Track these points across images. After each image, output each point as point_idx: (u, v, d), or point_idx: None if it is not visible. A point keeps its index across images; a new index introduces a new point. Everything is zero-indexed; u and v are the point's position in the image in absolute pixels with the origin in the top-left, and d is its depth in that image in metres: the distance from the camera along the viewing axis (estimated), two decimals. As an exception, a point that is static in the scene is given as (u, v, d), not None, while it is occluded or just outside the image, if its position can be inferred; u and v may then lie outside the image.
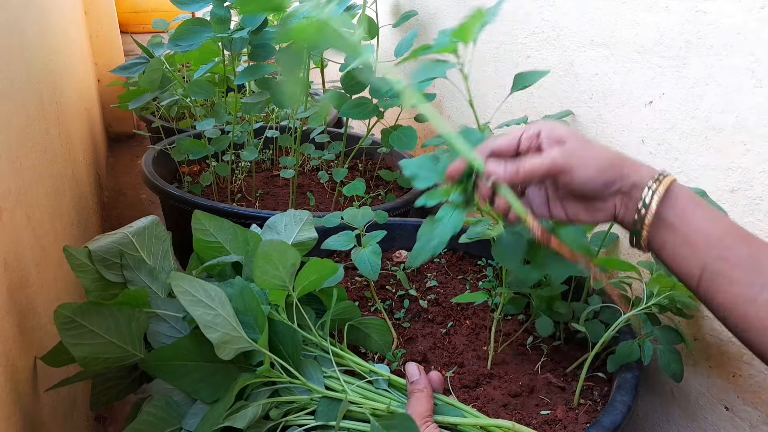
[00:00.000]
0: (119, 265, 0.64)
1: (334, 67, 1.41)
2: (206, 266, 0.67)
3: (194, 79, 1.14)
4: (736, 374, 0.70)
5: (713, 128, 0.68)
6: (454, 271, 0.98)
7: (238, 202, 1.30)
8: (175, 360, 0.59)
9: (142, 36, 1.47)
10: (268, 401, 0.58)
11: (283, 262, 0.58)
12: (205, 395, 0.58)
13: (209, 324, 0.55)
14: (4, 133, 0.68)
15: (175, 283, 0.56)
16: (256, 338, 0.58)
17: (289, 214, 0.75)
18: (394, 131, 1.03)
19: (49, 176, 0.94)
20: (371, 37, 1.28)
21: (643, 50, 0.76)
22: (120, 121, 2.69)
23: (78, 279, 0.63)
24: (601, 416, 0.61)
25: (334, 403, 0.59)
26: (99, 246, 0.64)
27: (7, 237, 0.62)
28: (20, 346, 0.63)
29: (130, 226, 0.69)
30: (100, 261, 0.63)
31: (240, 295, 0.60)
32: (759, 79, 0.62)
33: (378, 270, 0.77)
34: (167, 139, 1.41)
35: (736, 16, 0.63)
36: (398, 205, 1.16)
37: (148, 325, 0.61)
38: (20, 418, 0.58)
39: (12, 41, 0.82)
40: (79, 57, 1.93)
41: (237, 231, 0.70)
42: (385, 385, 0.62)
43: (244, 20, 1.05)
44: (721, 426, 0.73)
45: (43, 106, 1.00)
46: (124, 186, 2.23)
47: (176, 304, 0.62)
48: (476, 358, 0.78)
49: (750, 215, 0.65)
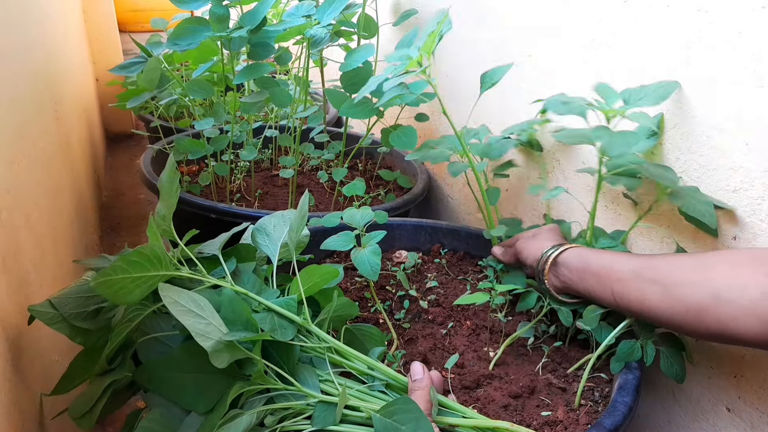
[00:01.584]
0: (87, 313, 0.62)
1: (333, 67, 1.41)
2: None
3: (193, 78, 1.13)
4: (737, 375, 0.70)
5: (715, 128, 0.67)
6: (454, 271, 0.98)
7: (236, 202, 1.29)
8: (168, 372, 0.59)
9: (140, 35, 1.46)
10: (263, 409, 0.58)
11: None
12: (200, 406, 0.58)
13: (201, 332, 0.55)
14: (3, 133, 0.68)
15: (164, 294, 0.56)
16: (249, 346, 0.58)
17: (278, 215, 0.75)
18: (394, 131, 1.03)
19: (48, 176, 0.94)
20: (371, 35, 1.28)
21: (643, 50, 0.75)
22: (118, 120, 2.68)
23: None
24: (602, 417, 0.61)
25: (330, 408, 0.58)
26: (62, 299, 0.61)
27: (5, 237, 0.62)
28: (19, 346, 0.62)
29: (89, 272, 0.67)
30: (68, 315, 0.61)
31: (229, 304, 0.59)
32: (760, 79, 0.61)
33: (378, 270, 0.76)
34: (166, 139, 1.41)
35: (736, 16, 0.63)
36: (398, 205, 1.16)
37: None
38: (19, 418, 0.58)
39: (12, 41, 0.81)
40: (77, 56, 1.92)
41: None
42: (382, 387, 0.62)
43: (243, 19, 1.04)
44: (722, 427, 0.73)
45: (41, 105, 1.00)
46: (123, 185, 2.22)
47: (162, 321, 0.62)
48: (476, 359, 0.78)
49: (752, 215, 0.65)
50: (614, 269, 0.67)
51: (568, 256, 0.73)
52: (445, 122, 1.30)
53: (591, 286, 0.70)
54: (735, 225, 0.67)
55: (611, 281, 0.67)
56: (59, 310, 0.60)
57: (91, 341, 0.62)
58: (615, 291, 0.67)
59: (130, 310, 0.60)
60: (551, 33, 0.92)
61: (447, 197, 1.36)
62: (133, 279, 0.55)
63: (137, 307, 0.60)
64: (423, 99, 0.99)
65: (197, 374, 0.59)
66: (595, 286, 0.69)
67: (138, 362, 0.62)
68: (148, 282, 0.57)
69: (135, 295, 0.57)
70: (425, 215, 1.48)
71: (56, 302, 0.60)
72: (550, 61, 0.94)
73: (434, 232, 1.04)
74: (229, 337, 0.55)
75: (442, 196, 1.39)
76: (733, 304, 0.56)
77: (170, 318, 0.61)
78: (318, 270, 0.66)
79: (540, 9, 0.94)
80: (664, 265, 0.63)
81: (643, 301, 0.64)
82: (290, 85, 1.36)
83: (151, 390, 0.59)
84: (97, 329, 0.62)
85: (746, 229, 0.66)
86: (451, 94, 1.26)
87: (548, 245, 0.77)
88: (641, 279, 0.64)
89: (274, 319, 0.61)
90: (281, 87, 1.12)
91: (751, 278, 0.55)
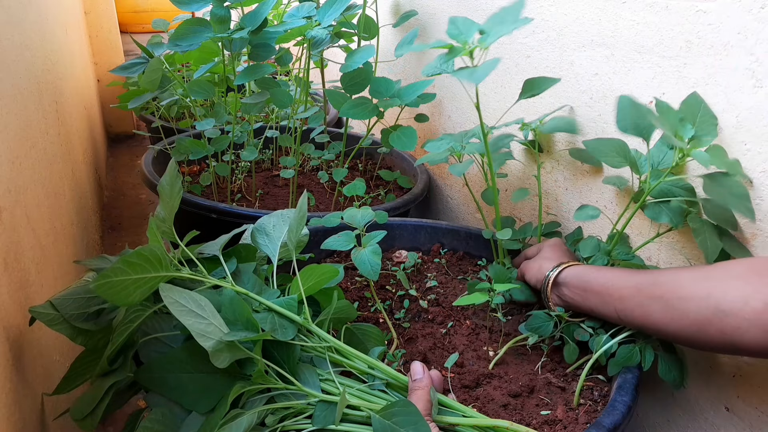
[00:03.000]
0: (88, 314, 0.62)
1: (334, 67, 1.41)
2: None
3: (194, 79, 1.14)
4: (736, 374, 0.70)
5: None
6: (454, 271, 0.98)
7: (237, 202, 1.30)
8: (169, 372, 0.59)
9: (141, 36, 1.47)
10: (264, 408, 0.58)
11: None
12: (201, 406, 0.58)
13: (202, 332, 0.55)
14: (4, 133, 0.68)
15: (165, 294, 0.56)
16: (249, 346, 0.58)
17: (277, 214, 0.75)
18: (394, 131, 1.03)
19: (49, 176, 0.94)
20: (371, 37, 1.28)
21: (643, 50, 0.76)
22: (120, 120, 2.69)
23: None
24: (601, 416, 0.61)
25: (331, 407, 0.59)
26: (63, 300, 0.61)
27: (6, 237, 0.62)
28: (20, 346, 0.63)
29: (90, 273, 0.68)
30: (69, 316, 0.61)
31: (230, 304, 0.60)
32: (759, 79, 0.62)
33: (378, 270, 0.76)
34: (167, 139, 1.41)
35: (736, 16, 0.63)
36: (398, 205, 1.16)
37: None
38: (20, 418, 0.58)
39: (12, 41, 0.82)
40: (78, 57, 1.93)
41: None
42: (383, 386, 0.62)
43: (244, 20, 1.05)
44: (721, 426, 0.73)
45: (43, 106, 1.00)
46: (124, 186, 2.23)
47: (164, 321, 0.63)
48: (476, 358, 0.78)
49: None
50: (615, 287, 0.68)
51: (567, 276, 0.74)
52: (445, 123, 1.30)
53: (594, 305, 0.70)
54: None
55: (613, 300, 0.67)
56: (60, 311, 0.60)
57: (93, 342, 0.62)
58: (618, 309, 0.67)
59: (132, 311, 0.60)
60: (551, 34, 0.93)
61: (447, 197, 1.36)
62: (134, 280, 0.55)
63: (138, 308, 0.60)
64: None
65: (198, 374, 0.59)
66: (598, 305, 0.69)
67: (139, 362, 0.62)
68: (148, 283, 0.57)
69: (135, 297, 0.57)
70: (425, 215, 1.48)
71: (57, 303, 0.60)
72: (549, 60, 0.94)
73: (434, 232, 1.04)
74: (230, 337, 0.55)
75: (442, 196, 1.39)
76: (736, 316, 0.56)
77: (171, 318, 0.61)
78: (318, 270, 0.67)
79: (535, 12, 0.94)
80: (664, 280, 0.64)
81: (646, 317, 0.64)
82: (291, 85, 1.36)
83: (152, 390, 0.59)
84: (98, 330, 0.62)
85: (744, 230, 0.66)
86: (453, 94, 1.26)
87: (548, 265, 0.77)
88: (643, 295, 0.64)
89: (274, 318, 0.61)
90: (282, 88, 1.12)
91: (753, 289, 0.55)
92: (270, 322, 0.61)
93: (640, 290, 0.65)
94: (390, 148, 1.18)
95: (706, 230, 0.66)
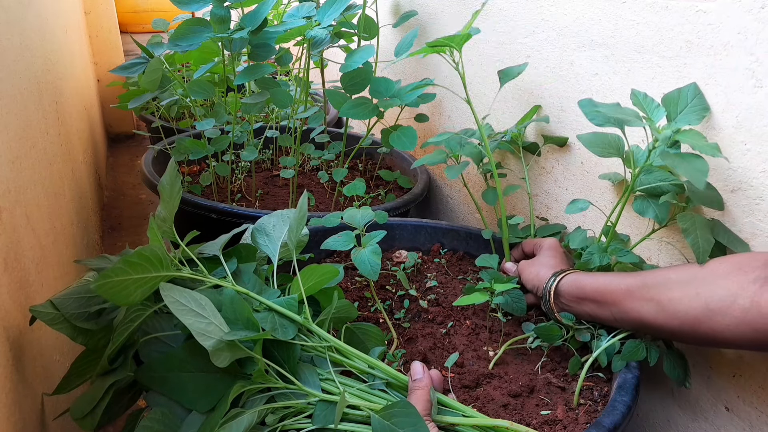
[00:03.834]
0: (89, 314, 0.62)
1: (334, 67, 1.41)
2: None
3: (194, 79, 1.14)
4: (736, 374, 0.70)
5: (713, 128, 0.68)
6: (454, 271, 0.98)
7: (237, 202, 1.30)
8: (170, 371, 0.59)
9: (141, 36, 1.47)
10: (264, 407, 0.58)
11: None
12: (201, 405, 0.58)
13: (203, 332, 0.55)
14: (4, 133, 0.68)
15: (165, 293, 0.56)
16: (250, 345, 0.58)
17: (277, 214, 0.75)
18: (394, 131, 1.03)
19: (49, 176, 0.94)
20: (371, 37, 1.28)
21: (643, 50, 0.76)
22: (120, 120, 2.69)
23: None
24: (601, 416, 0.61)
25: (331, 407, 0.59)
26: (63, 299, 0.61)
27: (6, 237, 0.62)
28: (20, 346, 0.63)
29: (90, 272, 0.68)
30: (69, 316, 0.61)
31: (230, 303, 0.60)
32: (759, 79, 0.62)
33: (378, 270, 0.77)
34: (167, 139, 1.41)
35: (736, 16, 0.63)
36: (398, 205, 1.16)
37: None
38: (20, 418, 0.58)
39: (12, 41, 0.82)
40: (79, 57, 1.93)
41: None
42: (383, 386, 0.62)
43: (244, 20, 1.05)
44: (721, 426, 0.73)
45: (43, 106, 1.00)
46: (124, 186, 2.23)
47: (164, 321, 0.63)
48: (476, 358, 0.78)
49: (750, 215, 0.65)
50: (609, 291, 0.69)
51: (564, 285, 0.75)
52: (445, 122, 1.30)
53: (591, 310, 0.72)
54: (732, 225, 0.68)
55: (608, 305, 0.69)
56: (61, 311, 0.60)
57: (93, 341, 0.62)
58: (614, 312, 0.69)
59: (132, 311, 0.60)
60: (551, 34, 0.93)
61: (447, 197, 1.36)
62: (134, 280, 0.56)
63: (139, 308, 0.60)
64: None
65: (198, 373, 0.59)
66: (595, 310, 0.71)
67: (139, 362, 0.62)
68: (149, 283, 0.57)
69: (136, 296, 0.57)
70: (425, 215, 1.48)
71: (58, 302, 0.60)
72: (549, 60, 0.94)
73: (434, 232, 1.04)
74: (230, 337, 0.55)
75: (442, 196, 1.39)
76: (725, 314, 0.57)
77: (171, 318, 0.61)
78: (318, 269, 0.67)
79: (535, 12, 0.94)
80: (654, 282, 0.65)
81: (641, 318, 0.66)
82: (291, 85, 1.36)
83: (153, 389, 0.59)
84: (98, 329, 0.62)
85: (744, 229, 0.66)
86: (452, 94, 1.26)
87: (545, 273, 0.78)
88: (635, 298, 0.66)
89: (275, 318, 0.62)
90: (282, 88, 1.12)
91: (739, 287, 0.57)
92: (270, 321, 0.61)
93: (631, 293, 0.67)
94: (390, 148, 1.18)
95: (696, 229, 0.66)
